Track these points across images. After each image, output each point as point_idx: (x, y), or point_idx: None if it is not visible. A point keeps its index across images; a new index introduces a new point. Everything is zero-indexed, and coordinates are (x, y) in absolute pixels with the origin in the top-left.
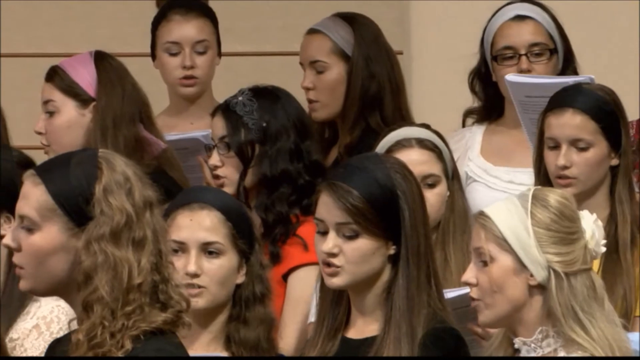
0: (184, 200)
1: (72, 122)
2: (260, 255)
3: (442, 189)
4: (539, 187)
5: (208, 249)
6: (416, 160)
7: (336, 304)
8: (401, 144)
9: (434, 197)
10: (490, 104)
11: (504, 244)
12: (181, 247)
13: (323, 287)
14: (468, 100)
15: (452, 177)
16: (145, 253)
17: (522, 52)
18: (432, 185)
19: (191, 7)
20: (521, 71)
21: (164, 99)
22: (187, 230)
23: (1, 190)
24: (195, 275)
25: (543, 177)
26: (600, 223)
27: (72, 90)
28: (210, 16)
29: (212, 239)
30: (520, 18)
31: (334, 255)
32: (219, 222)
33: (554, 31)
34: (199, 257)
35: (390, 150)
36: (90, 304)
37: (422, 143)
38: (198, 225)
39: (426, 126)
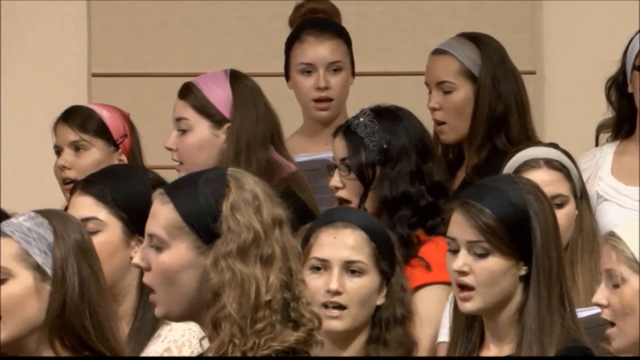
0: (327, 219)
1: (204, 142)
2: (401, 278)
3: (570, 209)
4: None
5: (351, 268)
6: (544, 181)
7: (469, 326)
8: (529, 165)
9: (562, 218)
10: (622, 116)
11: (636, 266)
12: (324, 265)
13: (456, 310)
14: (602, 119)
15: (581, 196)
16: (273, 270)
17: None
18: (560, 206)
19: (325, 28)
20: None
21: (297, 119)
22: (330, 248)
23: (135, 214)
24: (337, 293)
25: None
26: None
27: (207, 111)
28: (343, 37)
29: (356, 258)
30: None
31: (464, 273)
32: (363, 241)
33: None
34: (341, 275)
35: (518, 170)
36: (219, 322)
37: (550, 163)
38: (342, 243)
39: (555, 145)
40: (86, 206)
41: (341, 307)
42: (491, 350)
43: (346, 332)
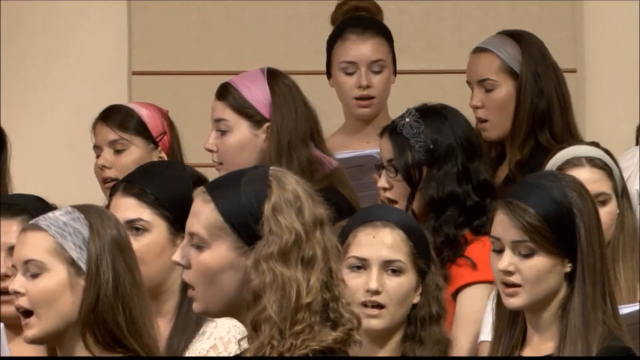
0: (366, 218)
1: (245, 143)
2: (435, 276)
3: (612, 207)
4: None
5: (390, 267)
6: (587, 179)
7: (513, 322)
8: (572, 163)
9: (604, 216)
10: None
11: None
12: (363, 264)
13: (499, 306)
14: None
15: (622, 195)
16: (314, 272)
17: None
18: (602, 204)
19: (367, 26)
20: None
21: (339, 117)
22: (369, 247)
23: (179, 212)
24: (376, 293)
25: None
26: None
27: (246, 111)
28: (386, 35)
29: (395, 257)
30: None
31: (509, 273)
32: (401, 240)
33: None
34: (380, 274)
35: (561, 168)
36: (259, 324)
37: (592, 162)
38: (381, 242)
39: (595, 144)
40: (130, 208)
41: (380, 306)
42: (534, 346)
43: (384, 331)
